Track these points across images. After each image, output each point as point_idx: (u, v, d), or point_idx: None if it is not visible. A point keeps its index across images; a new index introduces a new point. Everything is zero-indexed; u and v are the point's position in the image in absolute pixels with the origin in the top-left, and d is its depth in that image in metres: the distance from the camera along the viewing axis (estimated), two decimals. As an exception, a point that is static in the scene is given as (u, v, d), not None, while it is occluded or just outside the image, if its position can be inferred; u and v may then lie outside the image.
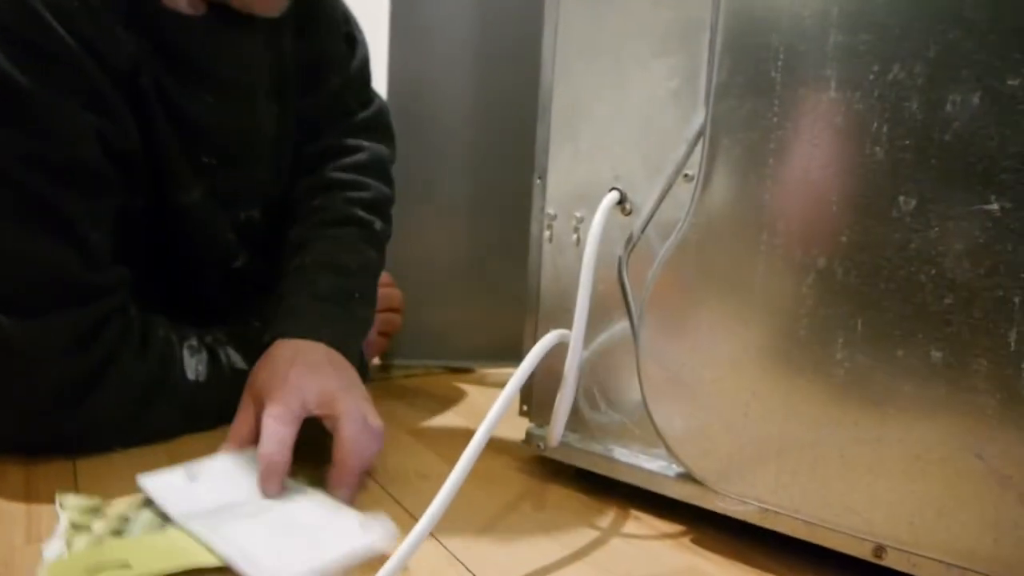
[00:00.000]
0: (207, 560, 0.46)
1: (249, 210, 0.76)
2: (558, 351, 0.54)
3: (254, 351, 0.71)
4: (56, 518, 0.51)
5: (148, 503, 0.53)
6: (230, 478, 0.56)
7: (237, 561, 0.46)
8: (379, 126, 0.85)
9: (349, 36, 0.84)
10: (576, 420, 0.59)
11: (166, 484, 0.55)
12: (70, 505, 0.52)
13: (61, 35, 0.56)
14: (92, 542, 0.48)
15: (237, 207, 0.75)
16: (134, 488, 0.57)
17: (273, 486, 0.54)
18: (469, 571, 0.48)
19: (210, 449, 0.64)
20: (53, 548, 0.47)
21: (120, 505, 0.53)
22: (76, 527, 0.49)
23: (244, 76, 0.72)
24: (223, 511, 0.51)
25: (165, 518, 0.51)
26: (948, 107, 0.41)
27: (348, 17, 0.83)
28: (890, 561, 0.45)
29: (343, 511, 0.52)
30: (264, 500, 0.53)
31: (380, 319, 0.84)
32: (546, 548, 0.51)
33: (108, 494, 0.55)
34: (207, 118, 0.69)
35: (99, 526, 0.50)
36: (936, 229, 0.42)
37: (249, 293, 0.77)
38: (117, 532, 0.49)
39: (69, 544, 0.47)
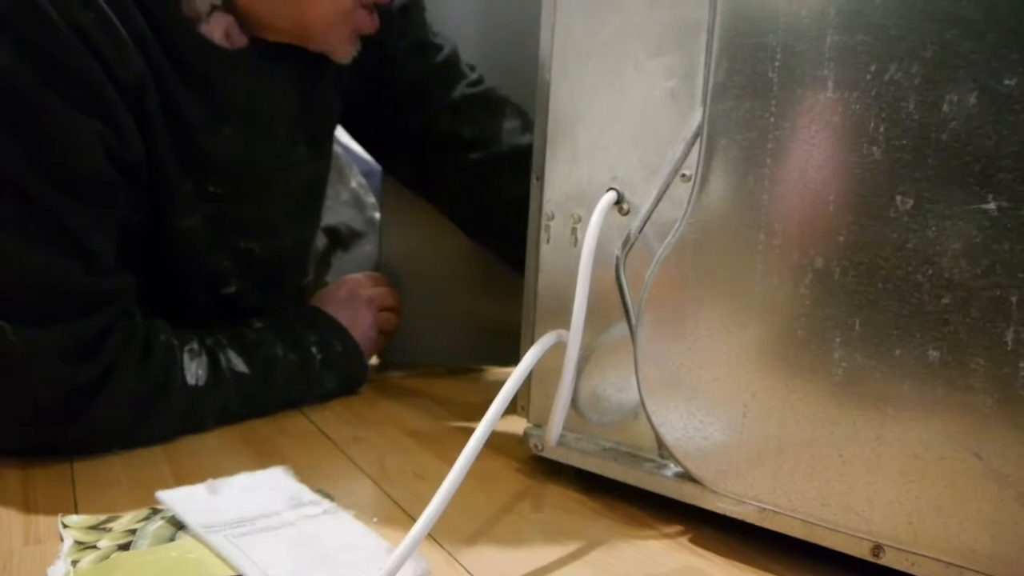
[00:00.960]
0: (221, 572, 0.45)
1: (249, 242, 0.74)
2: (556, 351, 0.54)
3: (255, 353, 0.71)
4: (52, 521, 0.51)
5: (155, 514, 0.52)
6: (252, 493, 0.55)
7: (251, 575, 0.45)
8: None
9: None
10: (574, 420, 0.59)
11: (186, 496, 0.54)
12: (73, 523, 0.51)
13: (74, 46, 0.56)
14: (99, 558, 0.46)
15: (236, 238, 0.73)
16: (130, 488, 0.57)
17: None
18: (467, 572, 0.48)
19: (209, 449, 0.64)
20: (58, 569, 0.45)
21: (125, 519, 0.52)
22: (81, 545, 0.48)
23: (269, 114, 0.71)
24: (244, 524, 0.51)
25: (176, 527, 0.50)
26: (945, 107, 0.41)
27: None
28: (889, 560, 0.45)
29: (370, 537, 0.50)
30: (286, 516, 0.52)
31: (378, 318, 0.84)
32: (544, 548, 0.51)
33: (105, 494, 0.55)
34: (222, 150, 0.68)
35: (105, 542, 0.48)
36: (933, 228, 0.42)
37: (241, 314, 0.75)
38: (124, 546, 0.48)
39: (74, 563, 0.46)
